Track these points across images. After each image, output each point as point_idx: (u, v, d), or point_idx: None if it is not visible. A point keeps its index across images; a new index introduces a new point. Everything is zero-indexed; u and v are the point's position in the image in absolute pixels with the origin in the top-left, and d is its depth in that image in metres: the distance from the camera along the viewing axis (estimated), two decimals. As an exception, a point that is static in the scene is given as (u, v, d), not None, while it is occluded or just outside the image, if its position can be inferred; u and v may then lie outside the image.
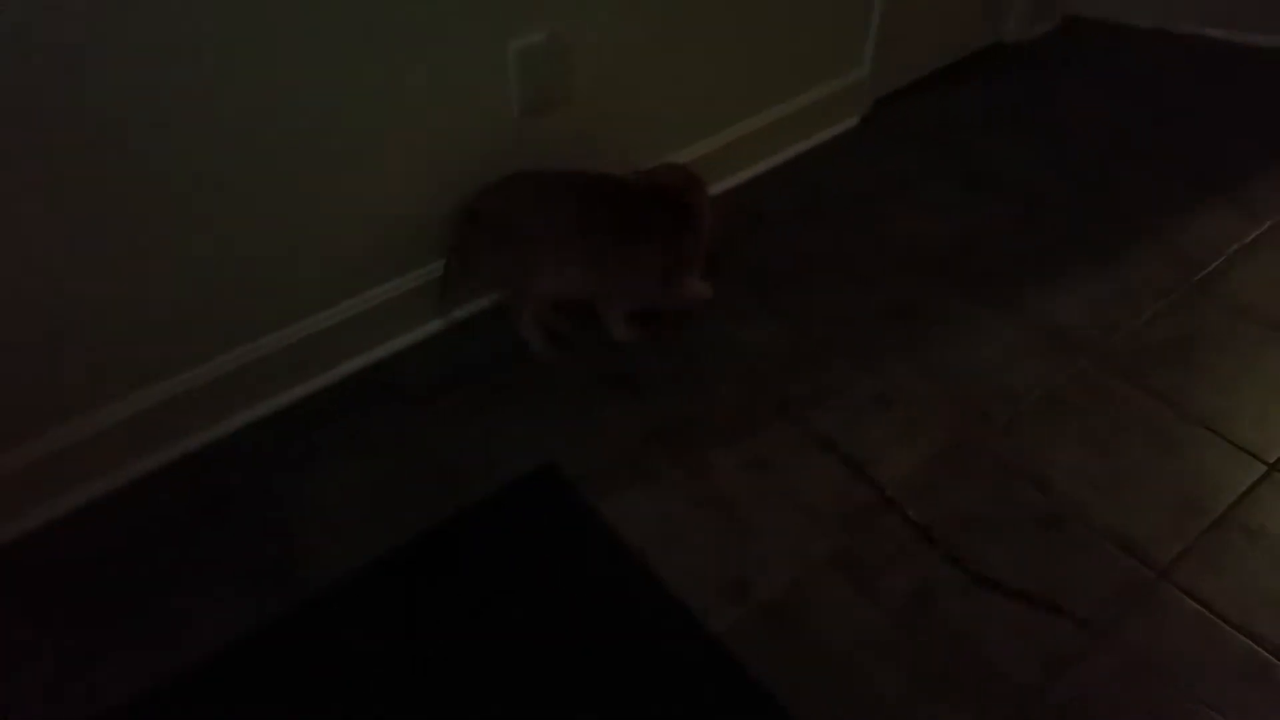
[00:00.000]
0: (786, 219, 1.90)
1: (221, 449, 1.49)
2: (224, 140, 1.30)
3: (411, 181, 1.51)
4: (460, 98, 1.48)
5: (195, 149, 1.28)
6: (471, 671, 1.24)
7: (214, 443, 1.50)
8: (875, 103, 2.15)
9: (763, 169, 2.00)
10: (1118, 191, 1.96)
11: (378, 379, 1.60)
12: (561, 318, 1.65)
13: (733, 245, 1.78)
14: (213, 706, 1.21)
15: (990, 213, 1.91)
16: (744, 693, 1.21)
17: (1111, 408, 1.53)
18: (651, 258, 1.56)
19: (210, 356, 1.45)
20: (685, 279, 1.63)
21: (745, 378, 1.59)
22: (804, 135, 2.05)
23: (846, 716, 1.19)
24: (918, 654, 1.24)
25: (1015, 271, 1.77)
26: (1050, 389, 1.55)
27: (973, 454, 1.47)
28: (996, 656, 1.23)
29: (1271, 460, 1.44)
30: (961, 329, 1.66)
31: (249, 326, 1.47)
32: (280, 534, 1.38)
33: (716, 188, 1.91)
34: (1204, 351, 1.62)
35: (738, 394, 1.57)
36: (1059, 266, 1.78)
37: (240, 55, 1.25)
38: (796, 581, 1.31)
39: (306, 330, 1.52)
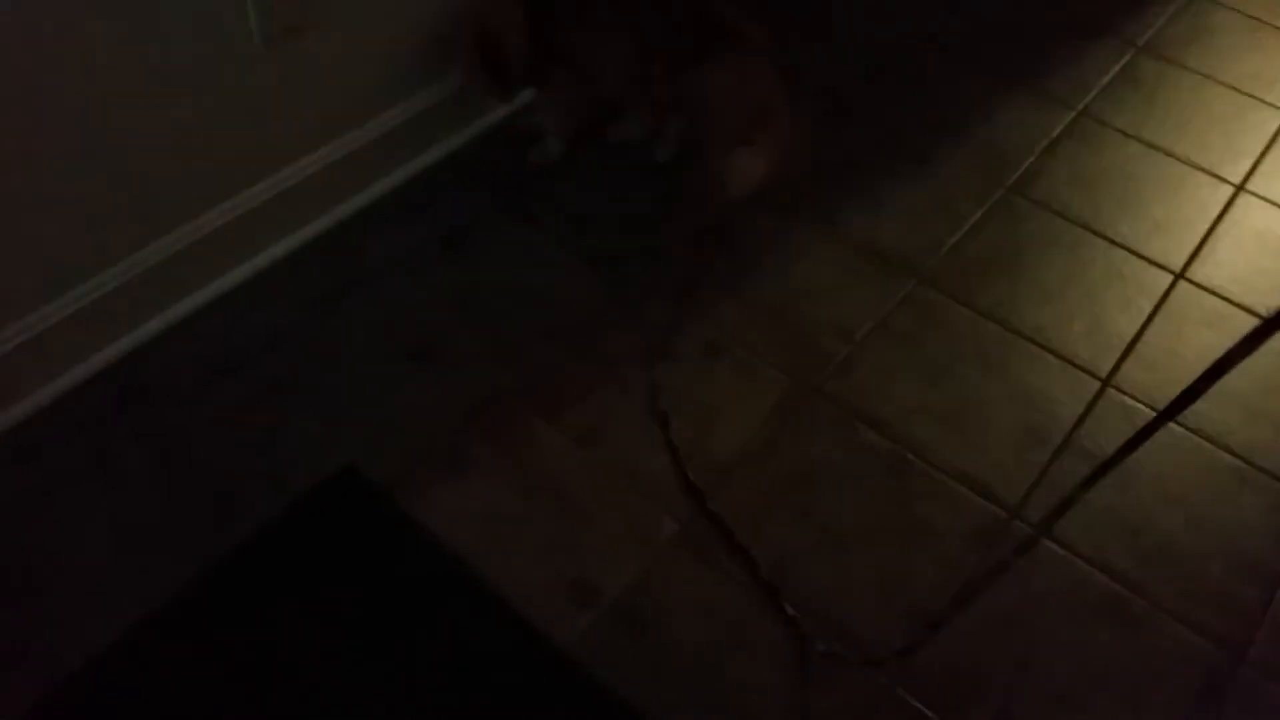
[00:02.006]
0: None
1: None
2: None
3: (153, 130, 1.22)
4: (194, 28, 1.19)
5: None
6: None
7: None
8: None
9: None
10: (925, 89, 1.88)
11: (119, 382, 1.31)
12: None
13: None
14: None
15: (796, 120, 1.78)
16: (600, 708, 1.09)
17: (944, 333, 1.46)
18: None
19: None
20: None
21: (558, 335, 1.41)
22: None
23: (712, 715, 1.09)
24: (779, 636, 1.15)
25: (830, 186, 1.66)
26: (881, 318, 1.47)
27: (811, 399, 1.37)
28: (859, 624, 1.16)
29: (1104, 374, 1.43)
30: (784, 256, 1.54)
31: None
32: (11, 607, 1.11)
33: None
34: (1028, 259, 1.58)
35: (553, 355, 1.39)
36: (874, 178, 1.68)
37: None
38: (646, 573, 1.19)
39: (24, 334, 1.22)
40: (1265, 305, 1.54)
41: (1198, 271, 1.59)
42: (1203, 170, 1.76)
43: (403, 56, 1.48)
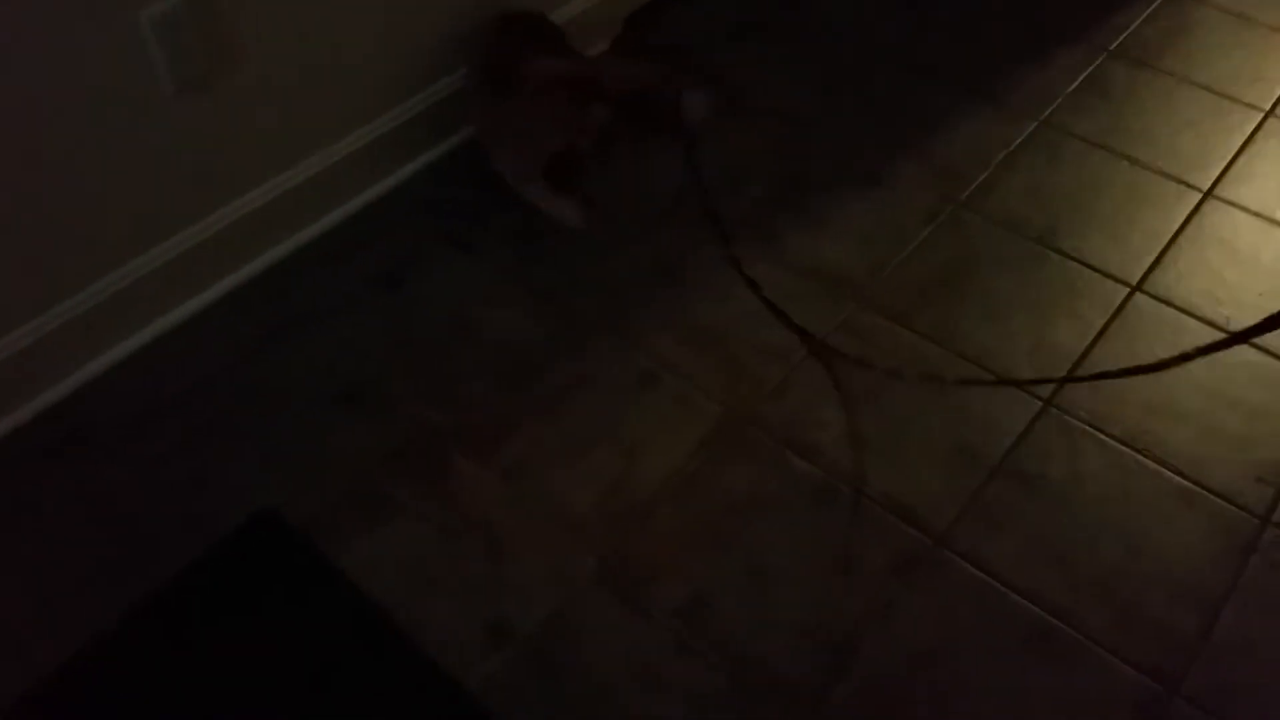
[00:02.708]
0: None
1: None
2: None
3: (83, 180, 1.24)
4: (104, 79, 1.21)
5: None
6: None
7: None
8: (625, 21, 1.94)
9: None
10: (882, 104, 1.85)
11: (49, 428, 1.33)
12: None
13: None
14: None
15: (746, 138, 1.76)
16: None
17: (880, 355, 1.43)
18: None
19: None
20: None
21: (500, 372, 1.41)
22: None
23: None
24: (693, 675, 1.13)
25: (776, 205, 1.64)
26: (816, 342, 1.45)
27: (744, 427, 1.35)
28: (776, 660, 1.14)
29: (1046, 395, 1.38)
30: (724, 283, 1.52)
31: None
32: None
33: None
34: (975, 277, 1.54)
35: (486, 392, 1.39)
36: (822, 196, 1.66)
37: None
38: (560, 610, 1.18)
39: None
40: (1226, 316, 1.48)
41: (1156, 283, 1.54)
42: (1170, 177, 1.71)
43: (332, 97, 1.50)
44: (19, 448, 1.31)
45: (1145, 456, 1.32)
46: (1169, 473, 1.30)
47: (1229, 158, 1.75)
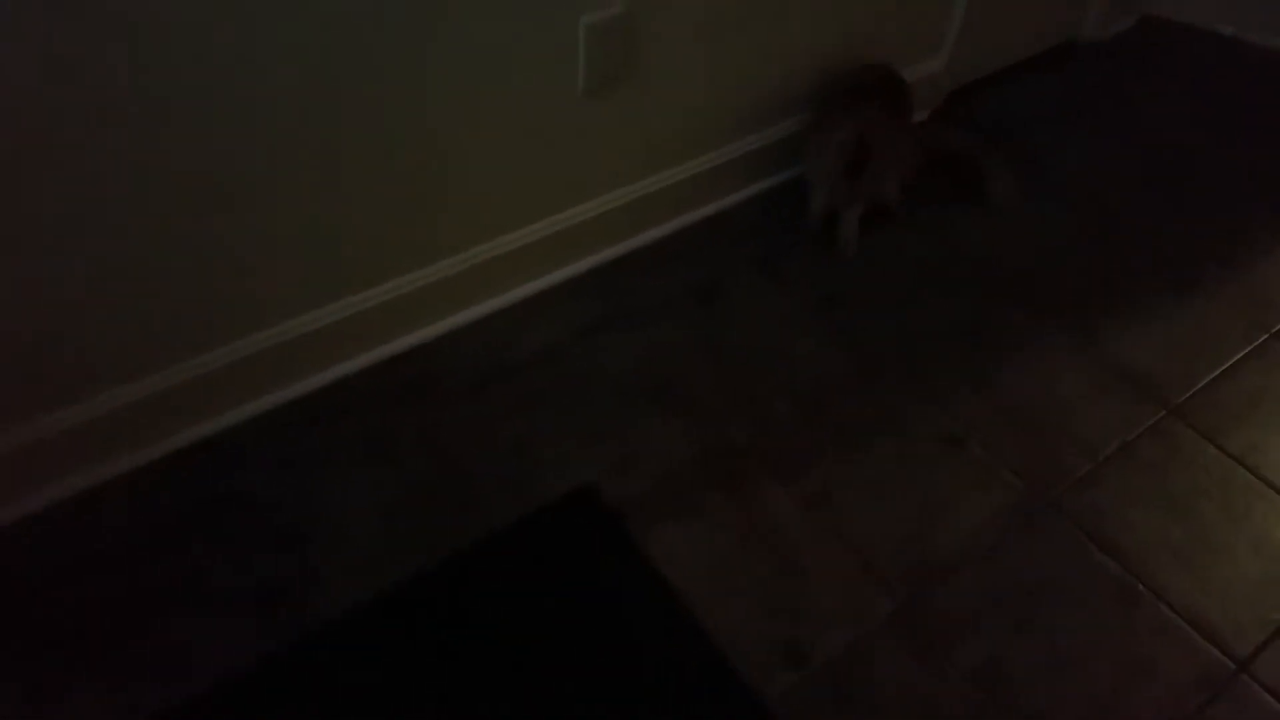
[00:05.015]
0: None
1: (224, 447, 1.36)
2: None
3: (473, 157, 1.37)
4: (528, 73, 1.33)
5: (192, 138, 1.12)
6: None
7: (214, 438, 1.36)
8: (949, 95, 1.99)
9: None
10: (1195, 210, 1.83)
11: (403, 372, 1.46)
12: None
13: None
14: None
15: (1062, 223, 1.78)
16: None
17: (1190, 469, 1.42)
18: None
19: (223, 343, 1.31)
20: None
21: (802, 399, 1.47)
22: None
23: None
24: (985, 740, 1.14)
25: (1089, 295, 1.65)
26: (1127, 441, 1.45)
27: (1046, 508, 1.36)
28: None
29: (1362, 544, 1.35)
30: (1033, 358, 1.54)
31: (263, 313, 1.33)
32: (285, 551, 1.26)
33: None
34: (1286, 410, 1.52)
35: (794, 417, 1.45)
36: (1135, 294, 1.66)
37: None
38: (855, 646, 1.21)
39: (331, 316, 1.38)
40: None
41: None
42: None
43: (698, 120, 1.59)
44: (374, 385, 1.44)
45: None
46: None
47: None
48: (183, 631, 1.18)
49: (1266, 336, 1.62)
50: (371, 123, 1.23)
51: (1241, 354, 1.59)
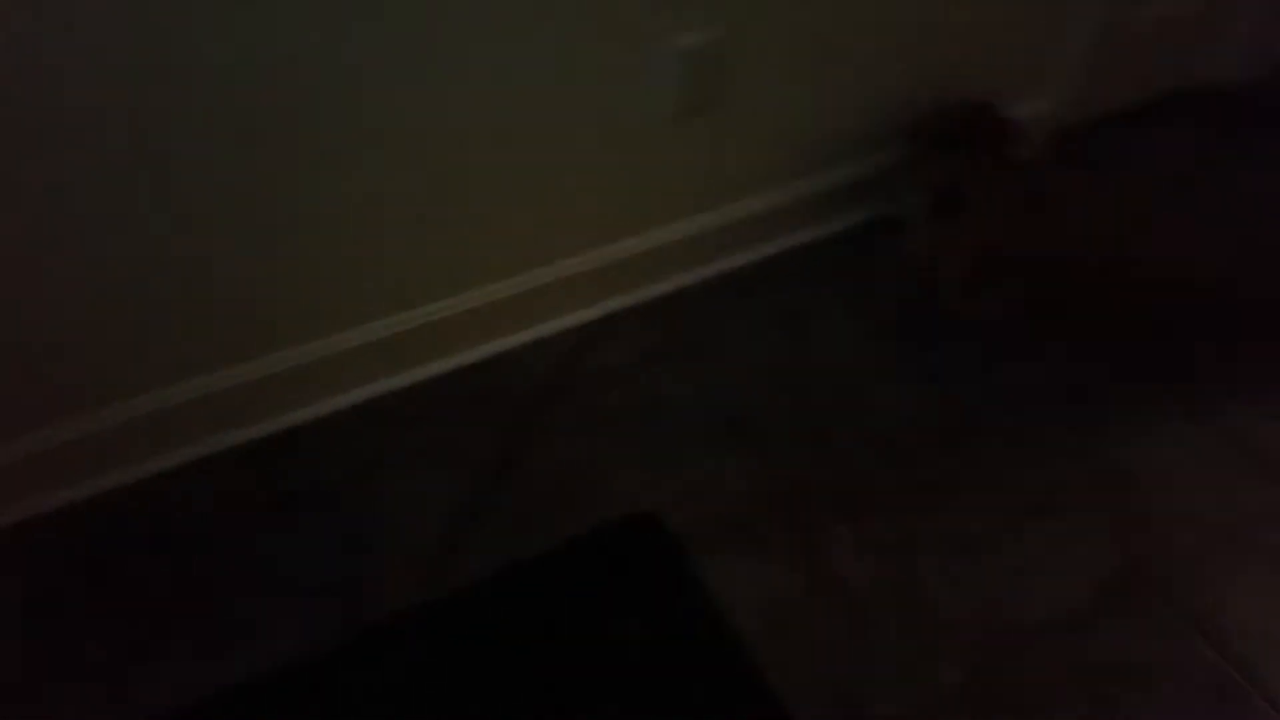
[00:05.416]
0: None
1: (301, 439, 1.37)
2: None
3: (564, 173, 1.36)
4: (618, 95, 1.31)
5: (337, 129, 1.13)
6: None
7: (297, 430, 1.38)
8: (1058, 137, 1.89)
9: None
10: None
11: (475, 381, 1.44)
12: None
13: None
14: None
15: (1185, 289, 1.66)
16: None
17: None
18: None
19: (318, 337, 1.34)
20: None
21: (883, 446, 1.39)
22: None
23: None
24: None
25: (1206, 358, 1.53)
26: (1240, 519, 1.33)
27: (1146, 589, 1.26)
28: None
29: None
30: (1143, 424, 1.43)
31: (348, 313, 1.34)
32: (349, 548, 1.26)
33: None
34: None
35: (873, 464, 1.37)
36: (1256, 360, 1.53)
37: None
38: (917, 713, 1.13)
39: (414, 321, 1.39)
40: None
41: None
42: None
43: (786, 148, 1.55)
44: (447, 392, 1.44)
45: None
46: None
47: None
48: (248, 612, 1.20)
49: None
50: (466, 135, 1.23)
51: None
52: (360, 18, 1.06)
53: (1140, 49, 1.89)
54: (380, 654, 1.16)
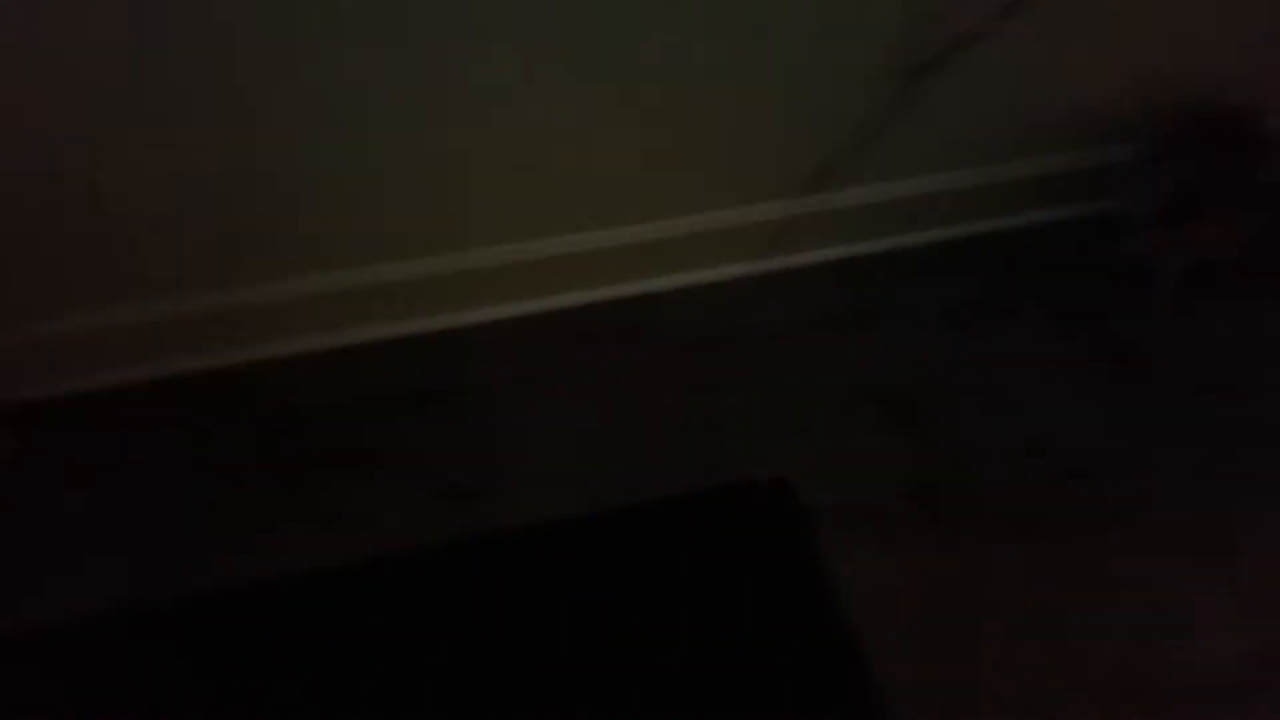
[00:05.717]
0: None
1: (452, 341, 1.41)
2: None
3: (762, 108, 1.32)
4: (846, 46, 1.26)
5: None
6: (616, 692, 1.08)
7: (450, 331, 1.42)
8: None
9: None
10: None
11: (632, 315, 1.43)
12: None
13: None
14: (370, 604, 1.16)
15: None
16: None
17: None
18: None
19: (480, 245, 1.38)
20: None
21: (1055, 460, 1.28)
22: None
23: None
24: None
25: None
26: None
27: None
28: None
29: None
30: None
31: (523, 224, 1.37)
32: (475, 454, 1.29)
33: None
34: None
35: (1040, 476, 1.26)
36: None
37: None
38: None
39: (592, 243, 1.40)
40: None
41: None
42: None
43: (1004, 123, 1.44)
44: (606, 320, 1.44)
45: None
46: None
47: None
48: (357, 497, 1.25)
49: None
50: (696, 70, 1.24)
51: None
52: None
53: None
54: (483, 563, 1.19)
